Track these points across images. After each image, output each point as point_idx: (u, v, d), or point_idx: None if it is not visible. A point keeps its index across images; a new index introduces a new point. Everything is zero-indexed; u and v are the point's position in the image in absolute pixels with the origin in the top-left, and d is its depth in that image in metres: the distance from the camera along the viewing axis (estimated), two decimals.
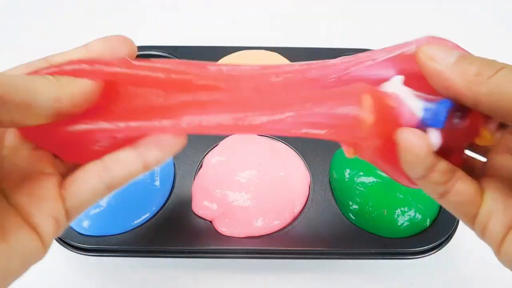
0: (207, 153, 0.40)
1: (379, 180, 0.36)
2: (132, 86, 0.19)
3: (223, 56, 0.49)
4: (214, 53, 0.50)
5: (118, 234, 0.34)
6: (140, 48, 0.49)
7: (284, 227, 0.35)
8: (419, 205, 0.35)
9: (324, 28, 0.62)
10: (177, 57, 0.49)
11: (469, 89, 0.17)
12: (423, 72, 0.18)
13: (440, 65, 0.17)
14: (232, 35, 0.58)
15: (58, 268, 0.37)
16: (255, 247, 0.34)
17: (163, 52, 0.49)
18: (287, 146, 0.40)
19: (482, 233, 0.18)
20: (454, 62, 0.17)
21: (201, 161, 0.39)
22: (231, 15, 0.64)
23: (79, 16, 0.63)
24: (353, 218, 0.35)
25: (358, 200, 0.35)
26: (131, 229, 0.35)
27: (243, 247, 0.34)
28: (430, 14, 0.64)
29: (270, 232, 0.35)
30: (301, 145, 0.40)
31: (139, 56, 0.19)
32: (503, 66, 0.16)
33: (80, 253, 0.34)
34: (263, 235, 0.35)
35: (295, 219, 0.36)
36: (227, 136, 0.41)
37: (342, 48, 0.51)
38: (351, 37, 0.60)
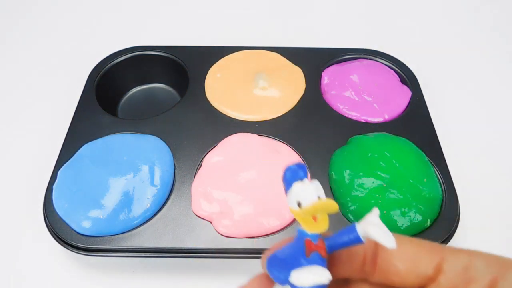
0: (207, 153, 0.40)
1: (379, 181, 0.36)
2: None
3: (223, 56, 0.49)
4: (214, 53, 0.50)
5: (118, 234, 0.35)
6: (140, 48, 0.49)
7: (284, 227, 0.35)
8: (419, 206, 0.35)
9: (324, 28, 0.62)
10: (177, 57, 0.49)
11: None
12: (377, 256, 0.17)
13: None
14: (232, 35, 0.58)
15: (58, 268, 0.37)
16: (255, 247, 0.34)
17: (163, 52, 0.49)
18: (287, 146, 0.40)
19: None
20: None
21: (201, 161, 0.39)
22: (231, 15, 0.64)
23: (79, 16, 0.63)
24: (352, 218, 0.35)
25: (357, 200, 0.35)
26: (131, 229, 0.35)
27: (242, 247, 0.34)
28: (429, 15, 0.64)
29: (270, 232, 0.35)
30: (301, 145, 0.40)
31: (139, 56, 0.19)
32: None
33: (80, 253, 0.34)
34: (262, 235, 0.35)
35: (294, 219, 0.36)
36: (227, 136, 0.41)
37: (342, 48, 0.51)
38: (351, 37, 0.60)
